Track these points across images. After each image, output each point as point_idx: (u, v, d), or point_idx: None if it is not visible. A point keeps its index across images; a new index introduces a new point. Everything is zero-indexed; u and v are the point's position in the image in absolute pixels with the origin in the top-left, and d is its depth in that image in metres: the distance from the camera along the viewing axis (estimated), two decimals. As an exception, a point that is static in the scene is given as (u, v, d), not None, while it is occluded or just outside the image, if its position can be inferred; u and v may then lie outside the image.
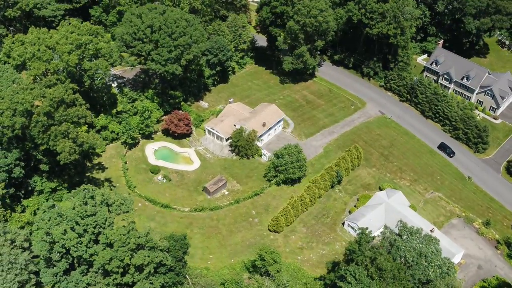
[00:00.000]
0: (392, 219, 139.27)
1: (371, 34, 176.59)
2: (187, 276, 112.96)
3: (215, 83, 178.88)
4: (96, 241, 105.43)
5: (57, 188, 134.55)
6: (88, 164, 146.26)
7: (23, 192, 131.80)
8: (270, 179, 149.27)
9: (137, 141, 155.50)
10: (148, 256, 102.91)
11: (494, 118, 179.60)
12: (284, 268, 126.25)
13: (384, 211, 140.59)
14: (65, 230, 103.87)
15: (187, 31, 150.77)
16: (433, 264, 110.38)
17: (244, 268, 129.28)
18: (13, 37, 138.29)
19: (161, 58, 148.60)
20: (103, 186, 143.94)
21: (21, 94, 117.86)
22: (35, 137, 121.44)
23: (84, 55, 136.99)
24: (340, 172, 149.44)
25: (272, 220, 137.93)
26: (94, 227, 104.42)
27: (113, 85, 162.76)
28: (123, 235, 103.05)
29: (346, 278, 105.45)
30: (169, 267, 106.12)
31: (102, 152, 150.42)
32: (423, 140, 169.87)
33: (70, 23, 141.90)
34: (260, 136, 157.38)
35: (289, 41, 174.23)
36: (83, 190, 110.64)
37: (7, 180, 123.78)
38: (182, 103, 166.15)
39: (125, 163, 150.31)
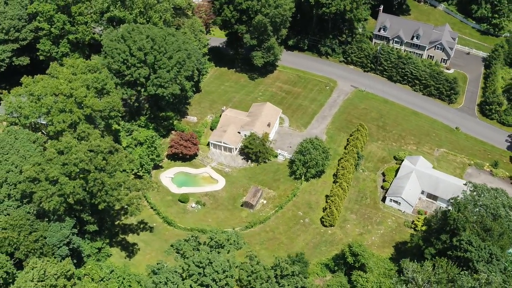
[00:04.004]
0: (427, 184, 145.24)
1: (328, 12, 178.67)
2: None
3: (193, 94, 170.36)
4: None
5: (102, 246, 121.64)
6: (112, 211, 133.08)
7: (75, 261, 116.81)
8: (298, 176, 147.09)
9: (150, 174, 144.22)
10: (289, 285, 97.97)
11: (447, 69, 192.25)
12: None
13: (417, 178, 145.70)
14: (191, 286, 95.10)
15: (179, 46, 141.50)
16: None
17: (325, 269, 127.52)
18: (9, 92, 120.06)
19: (163, 80, 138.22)
20: (141, 230, 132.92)
21: (71, 155, 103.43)
22: (85, 197, 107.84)
23: (93, 95, 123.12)
24: (360, 153, 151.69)
25: (326, 215, 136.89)
26: (218, 273, 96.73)
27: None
28: (258, 271, 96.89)
29: (462, 247, 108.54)
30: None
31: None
32: (402, 104, 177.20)
33: (63, 63, 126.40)
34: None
35: (256, 36, 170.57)
36: (188, 239, 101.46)
37: (69, 254, 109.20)
38: (175, 122, 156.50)
39: (150, 199, 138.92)
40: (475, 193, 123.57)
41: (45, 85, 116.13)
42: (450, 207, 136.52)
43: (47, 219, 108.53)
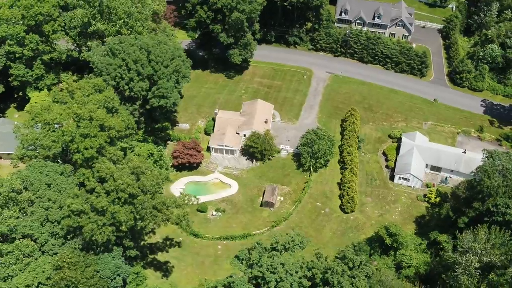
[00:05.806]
0: (429, 157, 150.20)
1: (295, 2, 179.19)
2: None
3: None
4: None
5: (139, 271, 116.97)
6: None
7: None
8: (307, 169, 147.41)
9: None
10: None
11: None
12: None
13: (419, 153, 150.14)
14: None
15: (173, 53, 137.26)
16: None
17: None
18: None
19: (165, 90, 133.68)
20: (168, 247, 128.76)
21: (115, 181, 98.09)
22: (128, 223, 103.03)
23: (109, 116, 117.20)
24: (360, 137, 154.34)
25: (347, 201, 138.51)
26: (292, 275, 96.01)
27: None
28: (333, 267, 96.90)
29: (499, 211, 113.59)
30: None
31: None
32: (379, 83, 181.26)
33: (68, 87, 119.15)
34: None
35: (233, 34, 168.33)
36: (254, 247, 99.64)
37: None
38: (171, 132, 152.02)
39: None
40: (491, 159, 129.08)
41: (60, 112, 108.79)
42: (451, 177, 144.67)
43: (92, 252, 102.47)
